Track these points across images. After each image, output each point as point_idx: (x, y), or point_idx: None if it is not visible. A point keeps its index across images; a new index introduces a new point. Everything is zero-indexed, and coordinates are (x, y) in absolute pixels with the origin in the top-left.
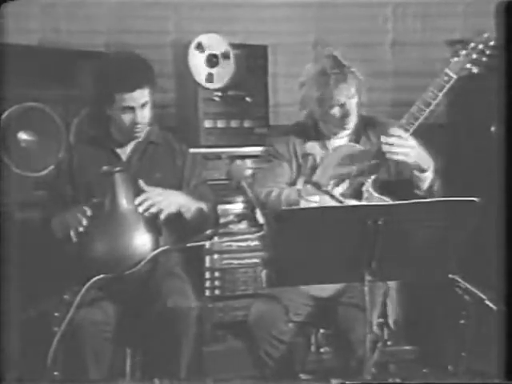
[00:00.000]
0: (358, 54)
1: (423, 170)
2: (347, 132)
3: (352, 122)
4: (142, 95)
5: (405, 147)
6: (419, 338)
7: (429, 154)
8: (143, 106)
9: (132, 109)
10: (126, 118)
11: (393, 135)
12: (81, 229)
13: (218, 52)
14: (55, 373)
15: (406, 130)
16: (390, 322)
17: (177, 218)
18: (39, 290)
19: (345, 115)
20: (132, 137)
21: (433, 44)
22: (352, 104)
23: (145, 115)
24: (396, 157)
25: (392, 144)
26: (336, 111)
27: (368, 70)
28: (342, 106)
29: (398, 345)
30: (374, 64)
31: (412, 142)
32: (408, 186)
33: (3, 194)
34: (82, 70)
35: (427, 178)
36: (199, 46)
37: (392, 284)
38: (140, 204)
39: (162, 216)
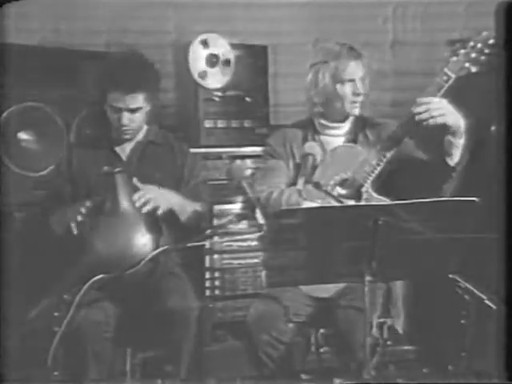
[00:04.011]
0: None
1: (459, 135)
2: (345, 129)
3: (359, 107)
4: (133, 100)
5: (441, 109)
6: (419, 338)
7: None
8: (133, 110)
9: (119, 110)
10: (113, 117)
11: (423, 102)
12: (79, 218)
13: (219, 54)
14: (55, 373)
15: (405, 131)
16: (398, 327)
17: (175, 217)
18: (39, 289)
19: (355, 94)
20: (121, 137)
21: (433, 44)
22: (362, 87)
23: (134, 119)
24: (434, 120)
25: (427, 108)
26: (347, 88)
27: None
28: (353, 82)
29: (398, 345)
30: (374, 64)
31: (445, 103)
32: (407, 186)
33: (3, 194)
34: (82, 69)
35: (461, 145)
36: (204, 43)
37: (398, 287)
38: (137, 200)
39: (160, 211)
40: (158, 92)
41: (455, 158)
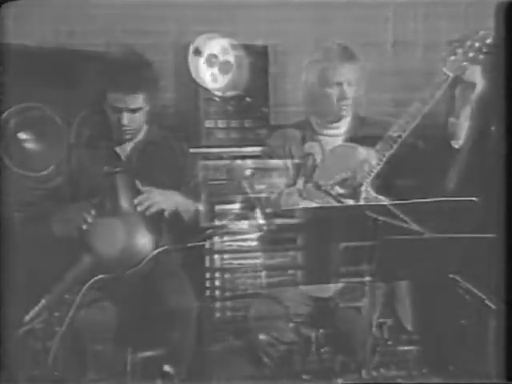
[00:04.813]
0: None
1: (465, 118)
2: (343, 129)
3: (348, 110)
4: (133, 100)
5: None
6: (419, 338)
7: None
8: (133, 111)
9: (119, 110)
10: (113, 117)
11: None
12: (84, 226)
13: (220, 59)
14: (55, 373)
15: (404, 131)
16: (407, 324)
17: (176, 217)
18: (39, 289)
19: (341, 98)
20: (122, 137)
21: (433, 44)
22: (350, 91)
23: (134, 119)
24: (472, 78)
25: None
26: (334, 91)
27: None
28: (340, 85)
29: (399, 345)
30: (375, 64)
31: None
32: (407, 184)
33: (3, 194)
34: (82, 70)
35: (465, 127)
36: (225, 49)
37: (403, 284)
38: (139, 204)
39: (166, 214)
40: (158, 92)
41: (460, 140)
